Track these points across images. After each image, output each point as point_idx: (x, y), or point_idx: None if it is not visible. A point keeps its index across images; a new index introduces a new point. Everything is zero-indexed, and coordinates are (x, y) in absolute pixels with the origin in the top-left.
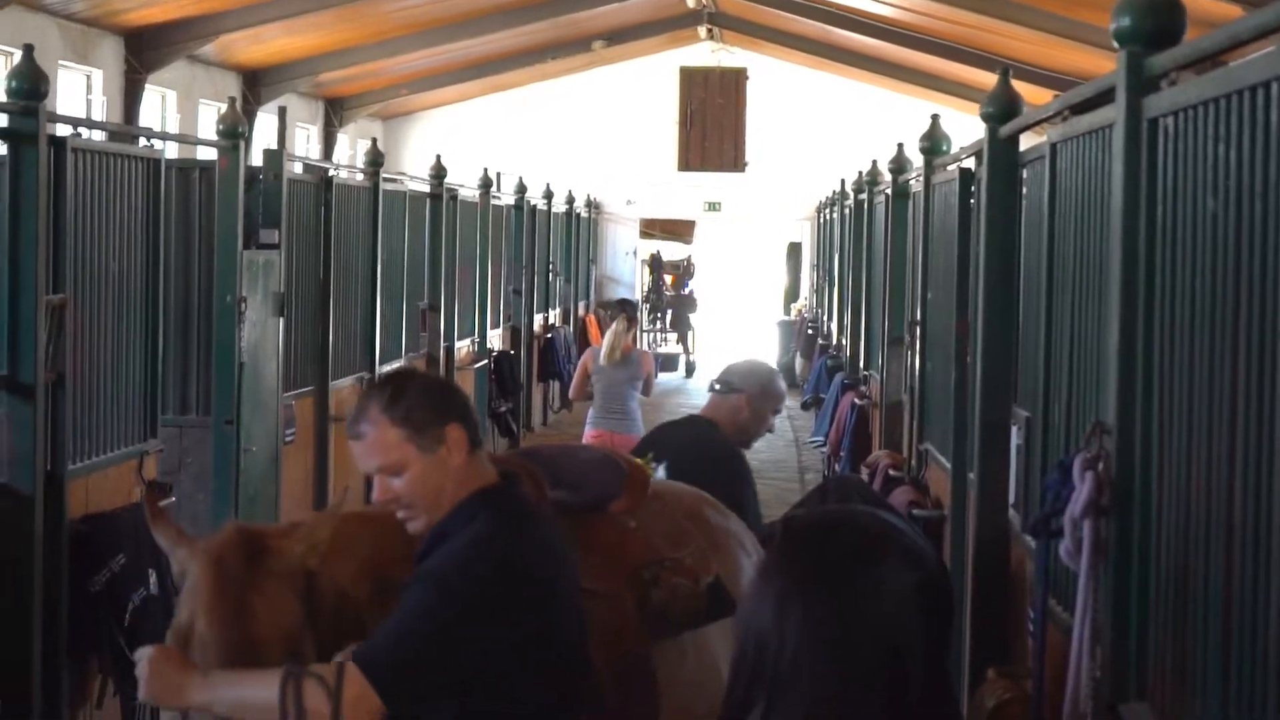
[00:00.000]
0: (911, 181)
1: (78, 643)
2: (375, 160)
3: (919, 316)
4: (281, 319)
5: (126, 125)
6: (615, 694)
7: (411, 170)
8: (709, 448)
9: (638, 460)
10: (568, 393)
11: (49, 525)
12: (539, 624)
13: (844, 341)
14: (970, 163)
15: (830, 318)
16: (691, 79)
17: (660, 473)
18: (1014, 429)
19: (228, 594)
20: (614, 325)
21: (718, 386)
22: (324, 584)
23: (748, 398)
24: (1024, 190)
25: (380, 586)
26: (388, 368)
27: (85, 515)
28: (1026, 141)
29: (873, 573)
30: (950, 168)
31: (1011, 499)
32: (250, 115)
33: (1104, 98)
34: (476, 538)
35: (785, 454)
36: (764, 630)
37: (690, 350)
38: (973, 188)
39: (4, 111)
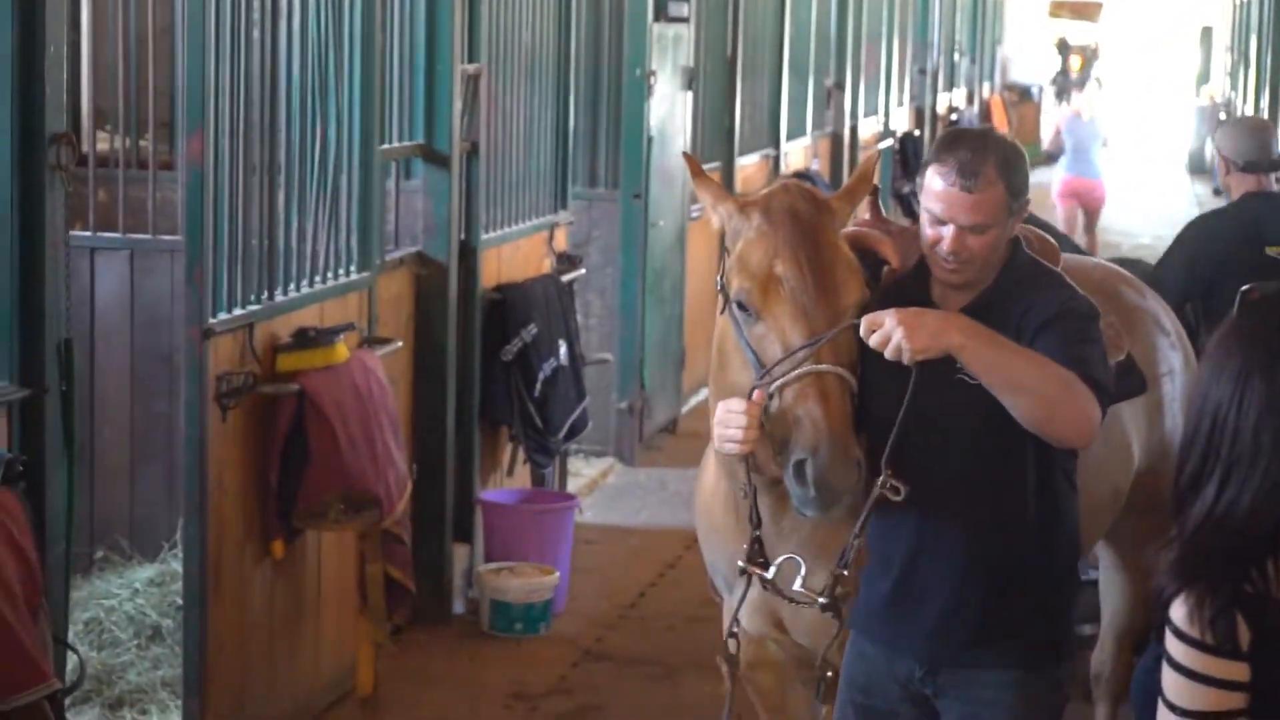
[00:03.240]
0: None
1: (489, 411)
2: None
3: None
4: (690, 93)
5: None
6: None
7: None
8: None
9: (1049, 237)
10: None
11: (463, 294)
12: None
13: None
14: None
15: (1244, 102)
16: None
17: None
18: None
19: (807, 236)
20: (1085, 90)
21: None
22: None
23: None
24: None
25: None
26: (794, 144)
27: (497, 285)
28: None
29: None
30: None
31: None
32: None
33: None
34: (1065, 290)
35: None
36: (1221, 406)
37: None
38: None
39: None
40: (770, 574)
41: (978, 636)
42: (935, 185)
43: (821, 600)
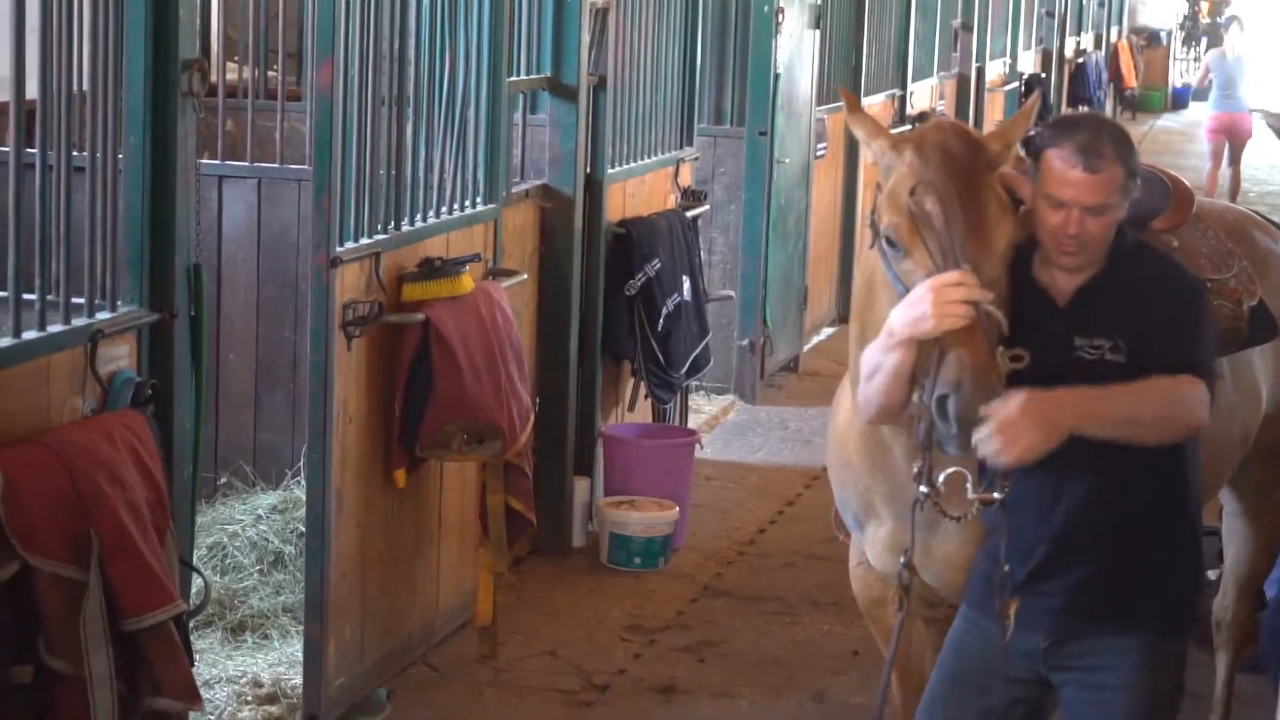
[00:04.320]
0: None
1: (612, 345)
2: None
3: None
4: (817, 31)
5: None
6: None
7: None
8: None
9: (1181, 178)
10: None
11: (587, 228)
12: None
13: None
14: None
15: None
16: None
17: None
18: None
19: (959, 174)
20: (1232, 28)
21: None
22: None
23: None
24: None
25: None
26: (919, 85)
27: (622, 219)
28: None
29: None
30: None
31: None
32: None
33: None
34: (1173, 268)
35: None
36: None
37: None
38: None
39: None
40: (941, 481)
41: (1105, 607)
42: (1055, 168)
43: (997, 496)
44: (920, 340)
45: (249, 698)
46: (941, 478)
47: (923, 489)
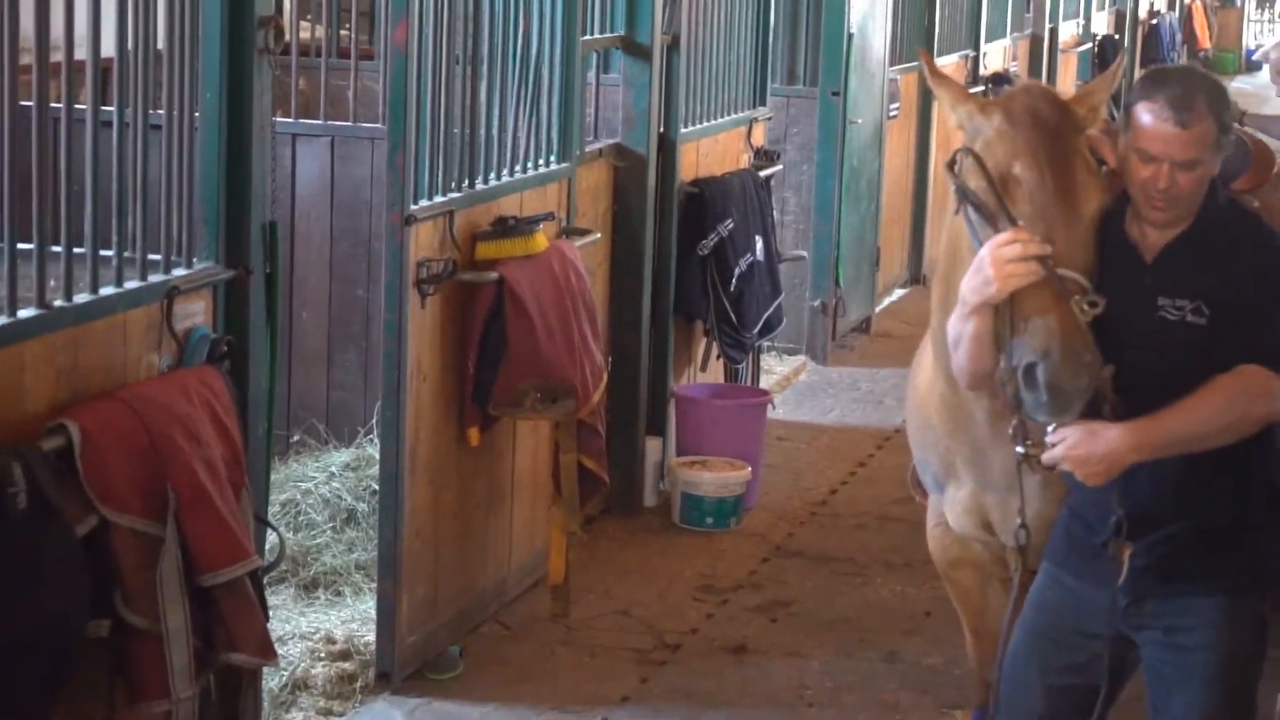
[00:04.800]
0: None
1: (684, 305)
2: None
3: None
4: None
5: None
6: None
7: None
8: None
9: (1261, 137)
10: None
11: (660, 187)
12: None
13: None
14: None
15: None
16: None
17: None
18: None
19: (1049, 138)
20: None
21: None
22: None
23: None
24: None
25: None
26: (992, 46)
27: (695, 179)
28: None
29: None
30: None
31: None
32: None
33: None
34: (1264, 230)
35: None
36: None
37: None
38: None
39: None
40: (1052, 429)
41: (1184, 567)
42: (1145, 122)
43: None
44: (995, 305)
45: (322, 654)
46: (1052, 428)
47: (1019, 449)
